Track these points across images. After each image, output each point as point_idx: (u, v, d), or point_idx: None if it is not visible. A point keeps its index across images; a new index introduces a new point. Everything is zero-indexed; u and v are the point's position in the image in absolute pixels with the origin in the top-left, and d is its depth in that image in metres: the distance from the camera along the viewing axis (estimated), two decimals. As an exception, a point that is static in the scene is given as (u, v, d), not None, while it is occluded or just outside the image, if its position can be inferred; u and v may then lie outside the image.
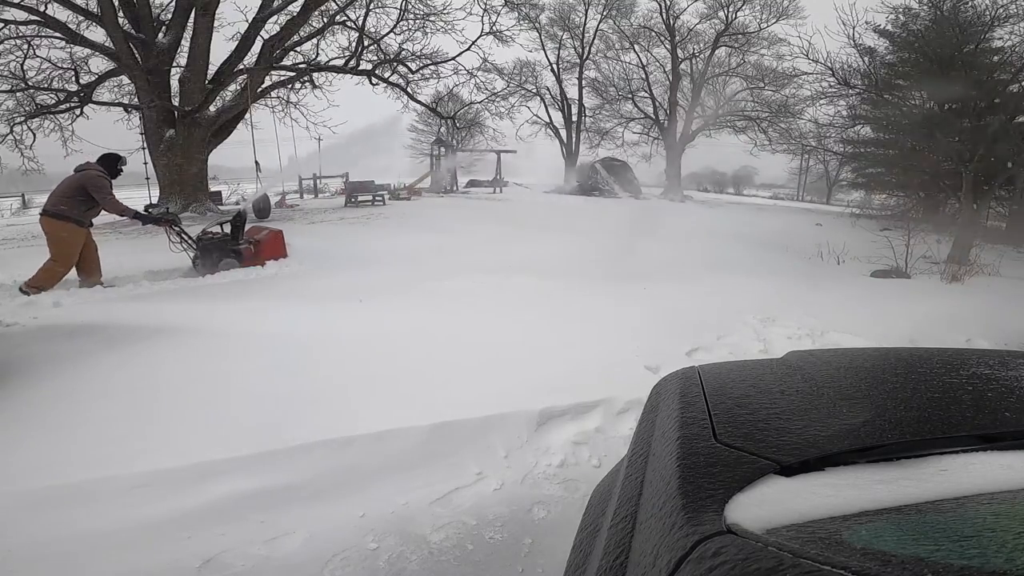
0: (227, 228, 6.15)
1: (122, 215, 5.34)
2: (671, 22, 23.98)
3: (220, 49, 14.11)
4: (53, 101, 13.20)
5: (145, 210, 5.84)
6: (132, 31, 11.68)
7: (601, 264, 6.25)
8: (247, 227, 6.43)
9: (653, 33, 24.66)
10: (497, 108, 19.43)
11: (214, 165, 15.24)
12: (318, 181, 21.09)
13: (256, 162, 11.85)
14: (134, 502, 1.78)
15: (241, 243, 6.11)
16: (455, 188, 20.64)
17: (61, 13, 11.66)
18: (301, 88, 15.05)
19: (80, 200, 4.97)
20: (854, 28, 8.87)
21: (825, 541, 0.52)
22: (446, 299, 4.40)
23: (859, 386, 0.92)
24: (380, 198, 14.93)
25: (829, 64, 9.01)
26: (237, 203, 9.65)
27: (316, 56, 14.73)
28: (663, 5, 23.74)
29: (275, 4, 12.67)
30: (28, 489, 1.79)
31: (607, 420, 2.48)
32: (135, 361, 2.86)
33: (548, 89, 26.30)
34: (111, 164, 5.36)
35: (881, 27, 10.48)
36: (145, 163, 13.09)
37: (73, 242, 4.96)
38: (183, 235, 5.80)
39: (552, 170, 26.18)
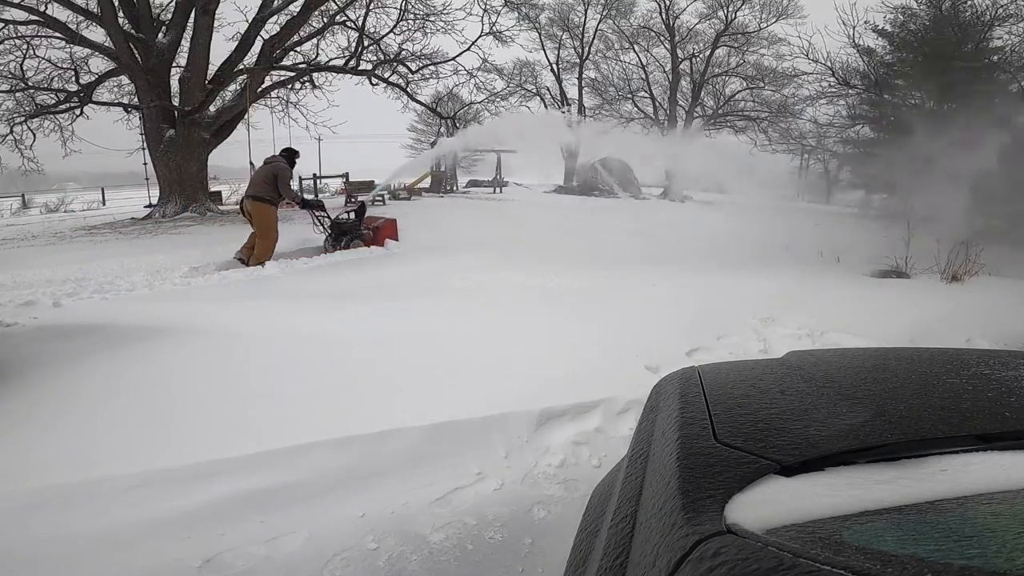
0: (351, 216, 7.43)
1: (292, 200, 6.69)
2: (671, 22, 23.98)
3: (220, 49, 14.12)
4: (53, 101, 13.20)
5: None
6: (132, 31, 11.67)
7: (600, 264, 6.25)
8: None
9: (653, 33, 24.67)
10: (497, 108, 19.44)
11: (214, 165, 15.24)
12: (318, 181, 21.08)
13: (251, 163, 11.93)
14: (134, 502, 1.78)
15: (364, 229, 7.34)
16: (455, 188, 20.64)
17: (61, 13, 11.67)
18: (301, 88, 15.06)
19: (273, 186, 6.28)
20: (854, 28, 8.89)
21: (825, 541, 0.52)
22: (445, 298, 4.41)
23: (859, 386, 0.92)
24: (380, 198, 14.92)
25: (829, 64, 9.02)
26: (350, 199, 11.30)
27: (316, 56, 14.74)
28: (663, 5, 23.74)
29: (275, 4, 12.68)
30: (28, 489, 1.79)
31: (607, 420, 2.48)
32: (135, 361, 2.86)
33: (548, 89, 26.29)
34: (291, 156, 6.71)
35: (880, 27, 10.49)
36: (145, 163, 13.12)
37: (274, 218, 6.37)
38: (324, 220, 7.07)
39: (552, 170, 26.17)
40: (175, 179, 12.18)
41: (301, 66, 14.36)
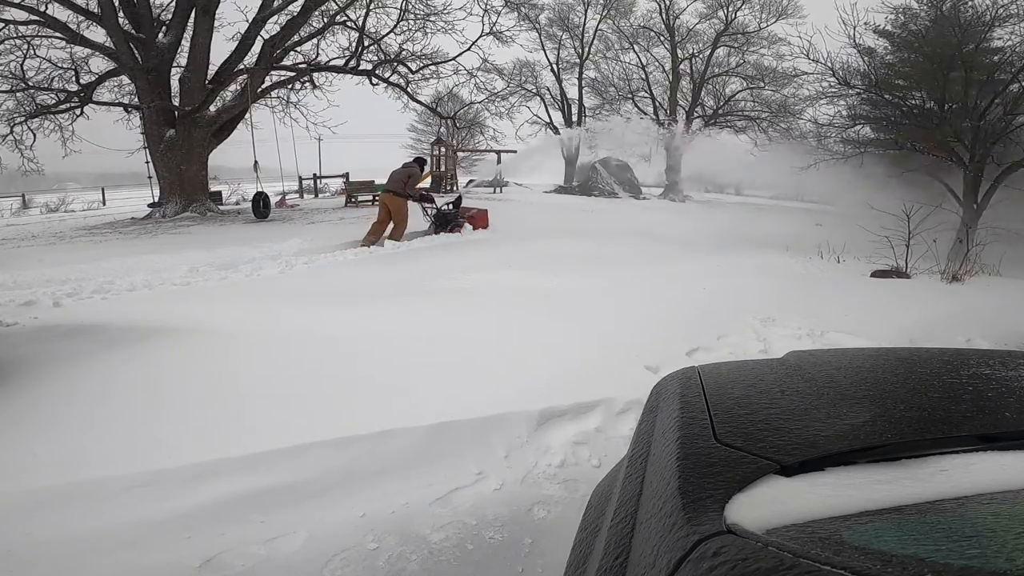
0: (451, 207, 8.91)
1: (412, 196, 8.27)
2: (671, 22, 24.00)
3: (220, 49, 14.10)
4: (53, 101, 13.20)
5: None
6: (132, 31, 11.68)
7: (600, 264, 6.25)
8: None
9: (652, 33, 24.68)
10: (497, 108, 19.46)
11: (214, 165, 15.24)
12: (318, 181, 21.09)
13: (255, 162, 11.95)
14: (134, 502, 1.78)
15: (461, 218, 8.82)
16: (455, 188, 20.65)
17: (61, 13, 11.67)
18: (301, 88, 15.05)
19: (405, 184, 8.09)
20: (854, 28, 8.88)
21: (825, 541, 0.52)
22: (445, 298, 4.41)
23: (859, 386, 0.92)
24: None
25: (829, 64, 9.01)
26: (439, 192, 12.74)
27: (316, 56, 14.73)
28: (662, 5, 23.77)
29: (275, 4, 12.68)
30: (28, 489, 1.79)
31: (607, 420, 2.48)
32: (135, 361, 2.87)
33: (548, 89, 26.32)
34: (423, 163, 8.93)
35: (881, 27, 10.48)
36: (146, 163, 13.10)
37: (406, 209, 8.14)
38: (431, 211, 8.72)
39: (552, 170, 26.19)
40: (175, 179, 12.18)
41: (301, 66, 14.35)
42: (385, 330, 3.50)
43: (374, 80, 14.90)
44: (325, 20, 14.10)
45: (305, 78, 14.51)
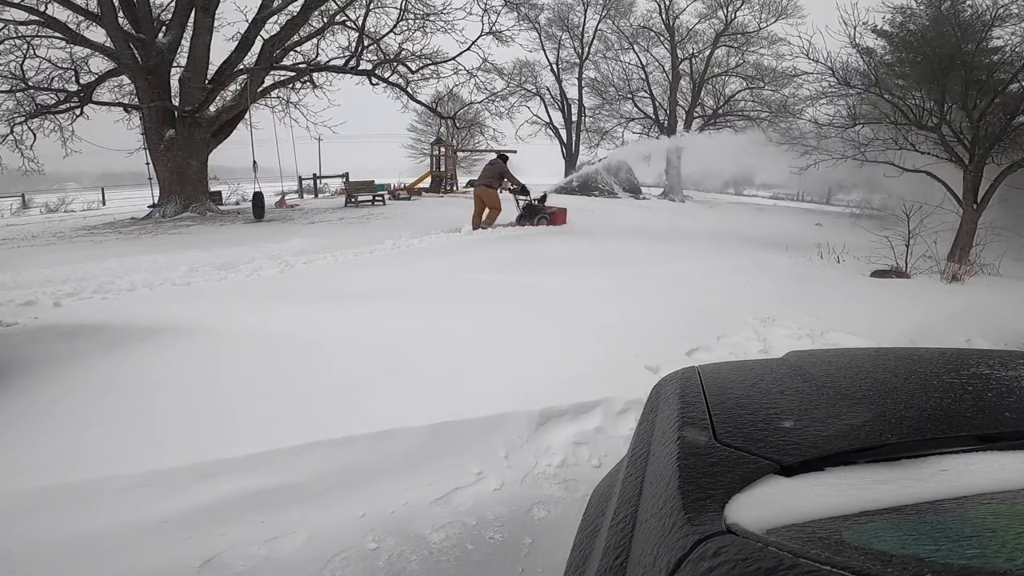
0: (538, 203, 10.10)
1: (515, 186, 9.83)
2: (670, 22, 23.99)
3: (220, 49, 14.11)
4: (53, 101, 13.19)
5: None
6: (132, 31, 11.68)
7: (600, 264, 6.25)
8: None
9: (652, 33, 24.67)
10: (497, 108, 19.42)
11: (214, 165, 15.23)
12: (318, 181, 21.10)
13: (254, 162, 11.97)
14: (134, 502, 1.78)
15: (546, 214, 9.91)
16: (455, 188, 20.65)
17: (61, 13, 11.67)
18: (301, 88, 15.05)
19: (496, 178, 9.56)
20: (854, 28, 8.86)
21: (825, 541, 0.52)
22: (444, 298, 4.40)
23: (859, 386, 0.92)
24: (380, 198, 14.96)
25: (829, 64, 9.00)
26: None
27: (316, 56, 14.73)
28: (662, 5, 23.76)
29: (275, 4, 12.68)
30: (28, 489, 1.79)
31: (607, 420, 2.48)
32: (135, 361, 2.86)
33: (548, 89, 26.32)
34: (506, 158, 10.13)
35: (879, 27, 10.47)
36: (146, 163, 13.10)
37: (498, 198, 9.47)
38: (522, 202, 10.04)
39: (552, 170, 26.21)
40: (175, 179, 12.19)
41: (301, 66, 14.35)
42: (384, 330, 3.50)
43: (374, 80, 14.90)
44: (325, 20, 14.09)
45: (305, 78, 14.50)
